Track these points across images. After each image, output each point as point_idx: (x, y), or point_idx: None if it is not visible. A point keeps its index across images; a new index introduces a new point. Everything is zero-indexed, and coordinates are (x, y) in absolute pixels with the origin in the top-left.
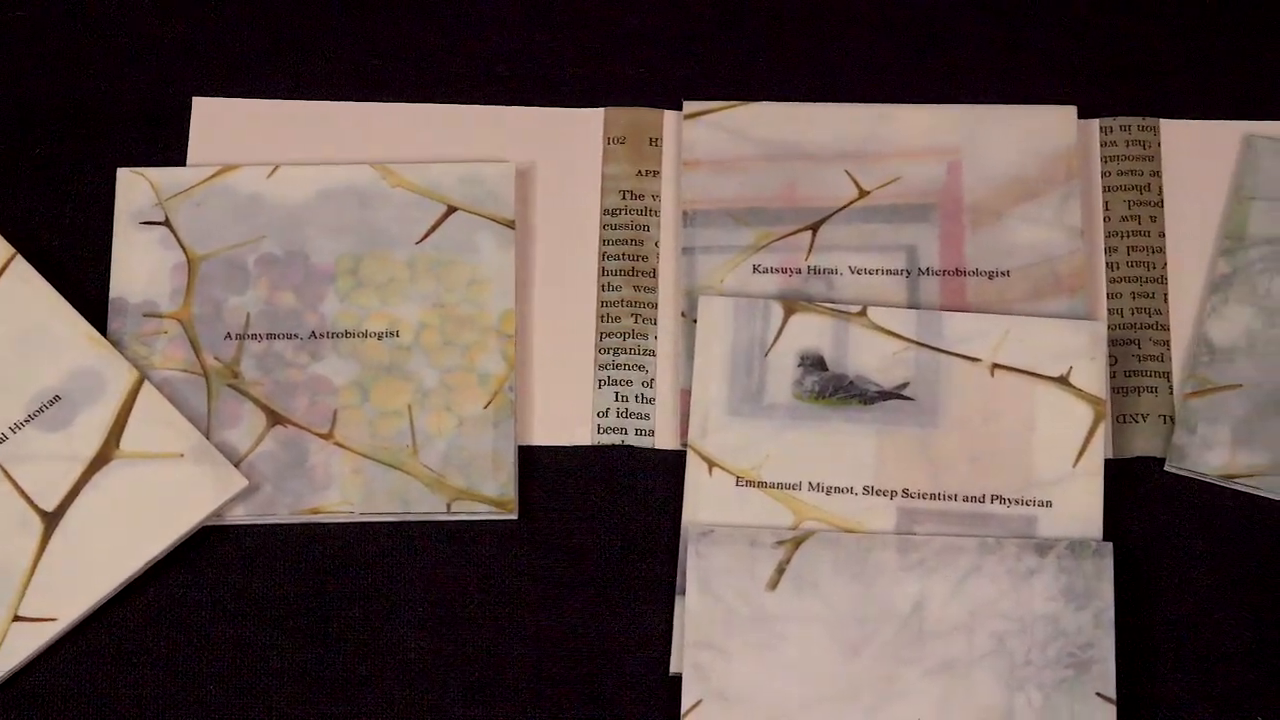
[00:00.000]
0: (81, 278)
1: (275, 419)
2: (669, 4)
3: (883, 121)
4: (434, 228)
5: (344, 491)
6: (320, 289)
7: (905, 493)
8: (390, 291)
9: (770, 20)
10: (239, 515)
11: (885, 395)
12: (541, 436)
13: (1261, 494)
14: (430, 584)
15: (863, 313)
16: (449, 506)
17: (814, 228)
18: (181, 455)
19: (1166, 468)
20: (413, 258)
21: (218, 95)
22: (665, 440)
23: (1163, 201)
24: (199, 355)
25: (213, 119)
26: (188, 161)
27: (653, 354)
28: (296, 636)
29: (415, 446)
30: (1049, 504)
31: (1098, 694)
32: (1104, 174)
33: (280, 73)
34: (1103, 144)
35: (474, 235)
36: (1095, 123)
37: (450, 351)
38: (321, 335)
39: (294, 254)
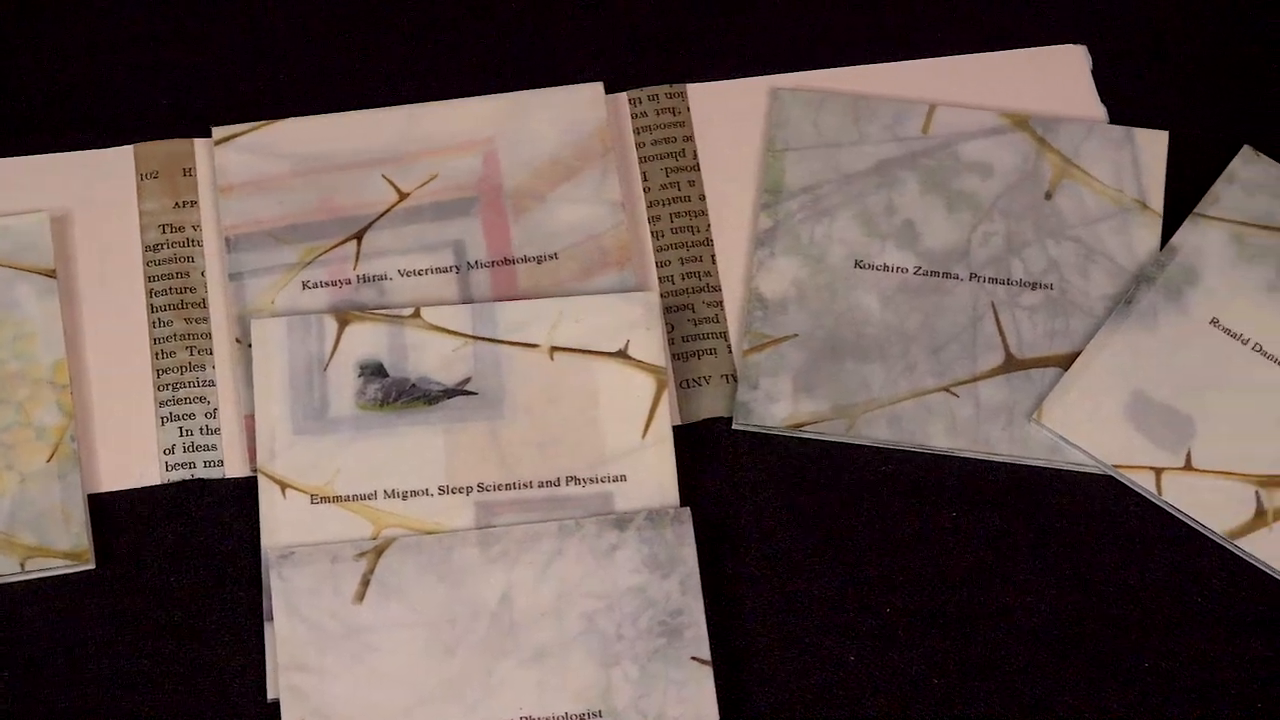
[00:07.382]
0: None
1: None
2: (189, 33)
3: (414, 122)
4: None
5: None
6: None
7: (480, 487)
8: None
9: (292, 36)
10: None
11: (449, 393)
12: (111, 482)
13: (827, 438)
14: (13, 648)
15: (416, 314)
16: (23, 565)
17: (358, 236)
18: None
19: (735, 426)
20: None
21: None
22: (235, 468)
23: (699, 165)
24: None
25: None
26: None
27: (213, 384)
28: None
29: None
30: (623, 478)
31: (693, 658)
32: (639, 145)
33: None
34: (634, 115)
35: (14, 290)
36: (624, 96)
37: (4, 409)
38: None
39: None
